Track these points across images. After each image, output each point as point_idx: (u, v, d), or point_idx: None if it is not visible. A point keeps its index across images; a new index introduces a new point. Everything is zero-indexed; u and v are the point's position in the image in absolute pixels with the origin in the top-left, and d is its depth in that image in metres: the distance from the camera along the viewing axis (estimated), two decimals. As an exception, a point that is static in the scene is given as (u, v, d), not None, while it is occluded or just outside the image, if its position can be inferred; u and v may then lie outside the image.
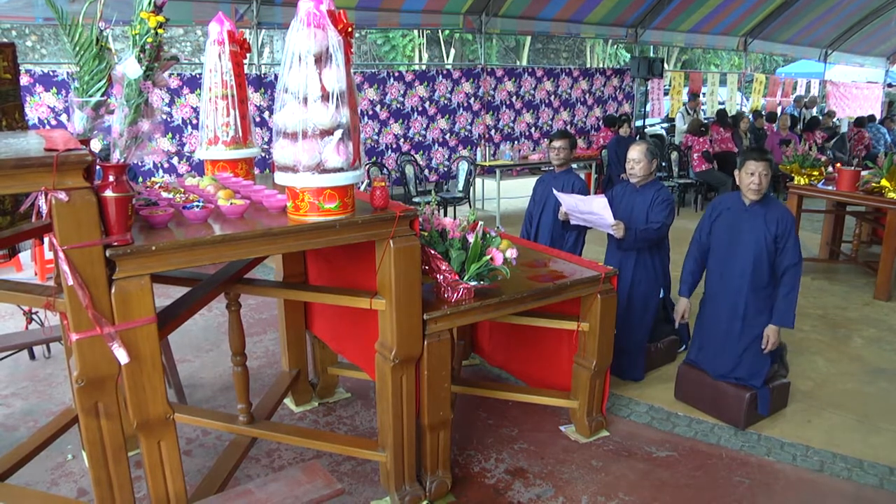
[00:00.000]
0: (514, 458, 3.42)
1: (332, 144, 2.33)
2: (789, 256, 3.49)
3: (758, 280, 3.54)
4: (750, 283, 3.55)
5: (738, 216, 3.61)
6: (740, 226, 3.59)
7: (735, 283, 3.60)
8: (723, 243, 3.67)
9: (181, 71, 7.73)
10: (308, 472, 2.44)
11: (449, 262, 2.83)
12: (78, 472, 3.25)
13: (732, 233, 3.62)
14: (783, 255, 3.50)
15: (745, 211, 3.59)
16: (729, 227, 3.64)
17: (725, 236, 3.65)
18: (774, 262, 3.53)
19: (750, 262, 3.53)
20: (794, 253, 3.50)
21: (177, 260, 2.15)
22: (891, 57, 17.54)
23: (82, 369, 2.05)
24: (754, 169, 3.49)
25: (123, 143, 2.07)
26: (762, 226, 3.51)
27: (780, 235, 3.48)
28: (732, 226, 3.62)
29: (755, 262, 3.52)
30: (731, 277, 3.62)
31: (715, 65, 25.84)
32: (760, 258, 3.52)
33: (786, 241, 3.49)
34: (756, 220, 3.53)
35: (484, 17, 9.69)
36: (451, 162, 9.43)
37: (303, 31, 2.25)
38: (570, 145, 4.66)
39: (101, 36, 2.25)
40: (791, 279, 3.51)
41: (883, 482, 3.22)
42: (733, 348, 3.65)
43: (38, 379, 4.27)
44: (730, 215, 3.65)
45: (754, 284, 3.55)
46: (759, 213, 3.54)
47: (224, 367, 4.41)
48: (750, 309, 3.58)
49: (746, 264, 3.55)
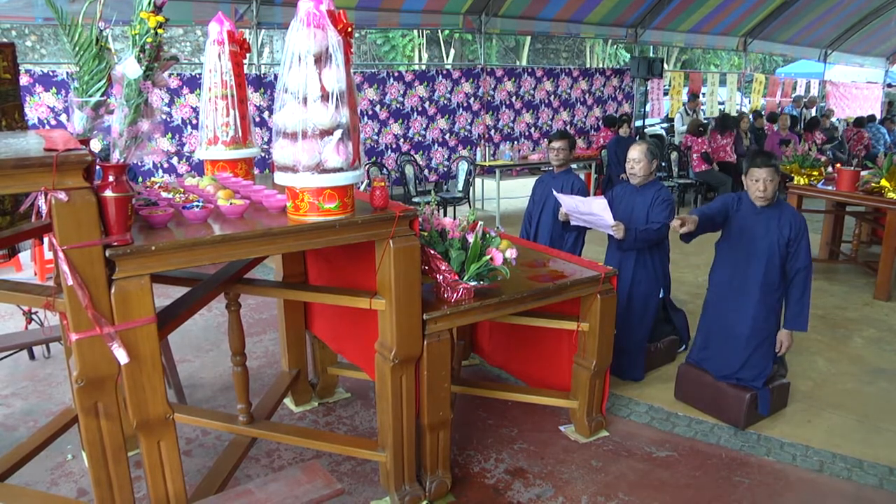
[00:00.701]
0: (514, 458, 3.42)
1: (332, 144, 2.33)
2: (800, 260, 3.48)
3: (769, 283, 3.52)
4: (761, 287, 3.53)
5: (752, 220, 3.56)
6: (753, 230, 3.54)
7: (745, 285, 3.58)
8: (734, 246, 3.62)
9: (181, 71, 7.73)
10: (308, 472, 2.44)
11: (449, 262, 2.83)
12: (78, 472, 3.25)
13: (745, 236, 3.57)
14: (794, 258, 3.49)
15: (757, 215, 3.55)
16: (741, 229, 3.60)
17: (737, 239, 3.61)
18: (785, 265, 3.52)
19: (762, 266, 3.51)
20: (805, 256, 3.49)
21: (176, 260, 2.15)
22: (890, 57, 17.55)
23: (82, 369, 2.05)
24: (759, 176, 3.46)
25: (123, 143, 2.07)
26: (776, 230, 3.48)
27: (793, 239, 3.47)
28: (745, 229, 3.58)
29: (767, 265, 3.50)
30: (742, 280, 3.59)
31: (715, 65, 25.84)
32: (772, 262, 3.50)
33: (797, 245, 3.47)
34: (769, 224, 3.50)
35: (484, 17, 9.68)
36: (451, 162, 9.43)
37: (302, 31, 2.26)
38: (569, 146, 4.66)
39: (101, 36, 2.25)
40: (802, 282, 3.50)
41: (883, 482, 3.23)
42: (741, 350, 3.63)
43: (37, 379, 4.27)
44: (740, 220, 3.60)
45: (765, 288, 3.53)
46: (773, 216, 3.51)
47: (224, 367, 4.41)
48: (760, 312, 3.56)
49: (759, 268, 3.52)
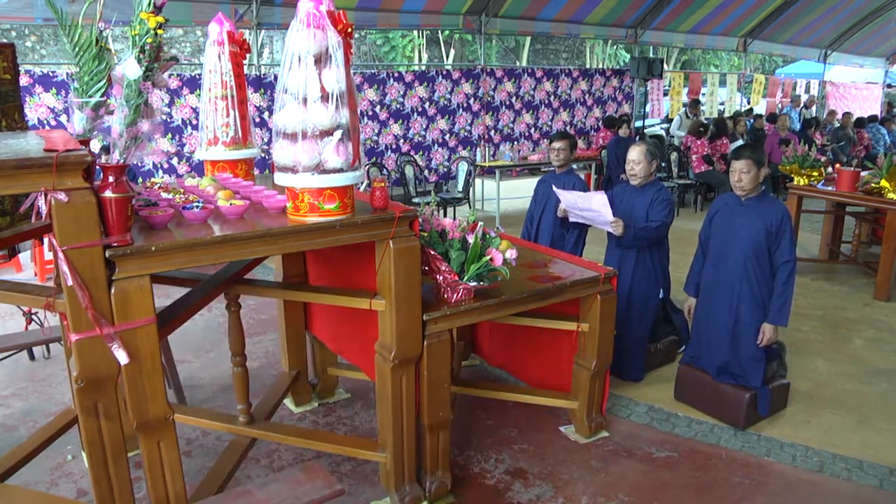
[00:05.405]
0: (514, 458, 3.42)
1: (332, 145, 2.33)
2: (783, 254, 3.53)
3: (752, 274, 3.57)
4: (743, 277, 3.58)
5: (734, 211, 3.67)
6: (735, 220, 3.64)
7: (729, 276, 3.64)
8: (718, 238, 3.74)
9: (181, 71, 7.73)
10: (308, 473, 2.44)
11: (449, 263, 2.83)
12: (78, 472, 3.25)
13: (727, 227, 3.68)
14: (778, 252, 3.54)
15: (740, 206, 3.65)
16: (724, 222, 3.71)
17: (721, 231, 3.72)
18: (771, 258, 3.56)
19: (743, 255, 3.57)
20: (789, 251, 3.53)
21: (176, 260, 2.15)
22: (890, 57, 17.55)
23: (82, 370, 2.05)
24: (734, 167, 3.61)
25: (123, 143, 2.07)
26: (756, 220, 3.55)
27: (773, 231, 3.52)
28: (727, 221, 3.69)
29: (749, 255, 3.56)
30: (726, 271, 3.66)
31: (714, 65, 25.86)
32: (754, 252, 3.55)
33: (780, 238, 3.52)
34: (750, 215, 3.58)
35: (484, 17, 9.69)
36: (451, 162, 9.43)
37: (302, 31, 2.25)
38: (570, 146, 4.66)
39: (101, 36, 2.25)
40: (784, 277, 3.54)
41: (883, 483, 3.23)
42: (727, 341, 3.68)
43: (37, 379, 4.27)
44: (726, 211, 3.72)
45: (749, 279, 3.57)
46: (755, 208, 3.59)
47: (224, 368, 4.41)
48: (744, 303, 3.60)
49: (739, 258, 3.59)
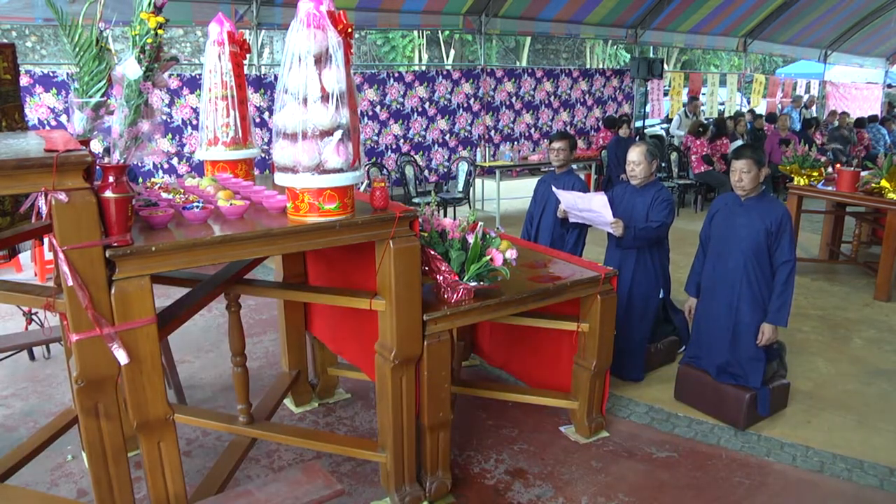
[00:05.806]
0: (514, 458, 3.42)
1: (332, 145, 2.33)
2: (783, 254, 3.53)
3: (752, 274, 3.57)
4: (743, 277, 3.58)
5: (734, 211, 3.67)
6: (735, 220, 3.65)
7: (729, 276, 3.64)
8: (718, 237, 3.74)
9: (181, 71, 7.73)
10: (308, 473, 2.44)
11: (449, 263, 2.83)
12: (78, 472, 3.25)
13: (727, 227, 3.68)
14: (778, 251, 3.54)
15: (740, 206, 3.65)
16: (724, 221, 3.71)
17: (721, 231, 3.73)
18: (771, 258, 3.56)
19: (743, 255, 3.57)
20: (788, 251, 3.53)
21: (177, 261, 2.15)
22: (890, 57, 17.55)
23: (82, 370, 2.05)
24: (735, 167, 3.60)
25: (123, 143, 2.07)
26: (756, 220, 3.55)
27: (773, 231, 3.52)
28: (727, 220, 3.69)
29: (748, 255, 3.56)
30: (725, 271, 3.67)
31: (714, 65, 25.86)
32: (754, 252, 3.55)
33: (779, 238, 3.52)
34: (750, 215, 3.59)
35: (484, 17, 9.69)
36: (451, 163, 9.43)
37: (302, 31, 2.26)
38: (570, 146, 4.66)
39: (101, 37, 2.25)
40: (784, 277, 3.54)
41: (883, 483, 3.23)
42: (727, 341, 3.68)
43: (37, 379, 4.27)
44: (726, 211, 3.73)
45: (748, 278, 3.57)
46: (754, 207, 3.59)
47: (224, 368, 4.41)
48: (744, 303, 3.60)
49: (739, 257, 3.59)
